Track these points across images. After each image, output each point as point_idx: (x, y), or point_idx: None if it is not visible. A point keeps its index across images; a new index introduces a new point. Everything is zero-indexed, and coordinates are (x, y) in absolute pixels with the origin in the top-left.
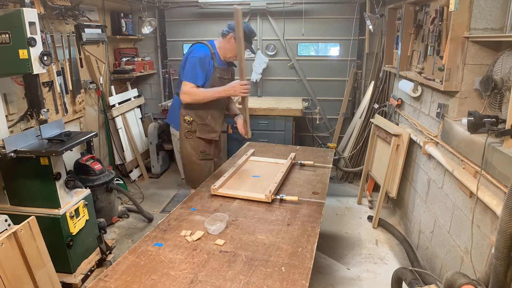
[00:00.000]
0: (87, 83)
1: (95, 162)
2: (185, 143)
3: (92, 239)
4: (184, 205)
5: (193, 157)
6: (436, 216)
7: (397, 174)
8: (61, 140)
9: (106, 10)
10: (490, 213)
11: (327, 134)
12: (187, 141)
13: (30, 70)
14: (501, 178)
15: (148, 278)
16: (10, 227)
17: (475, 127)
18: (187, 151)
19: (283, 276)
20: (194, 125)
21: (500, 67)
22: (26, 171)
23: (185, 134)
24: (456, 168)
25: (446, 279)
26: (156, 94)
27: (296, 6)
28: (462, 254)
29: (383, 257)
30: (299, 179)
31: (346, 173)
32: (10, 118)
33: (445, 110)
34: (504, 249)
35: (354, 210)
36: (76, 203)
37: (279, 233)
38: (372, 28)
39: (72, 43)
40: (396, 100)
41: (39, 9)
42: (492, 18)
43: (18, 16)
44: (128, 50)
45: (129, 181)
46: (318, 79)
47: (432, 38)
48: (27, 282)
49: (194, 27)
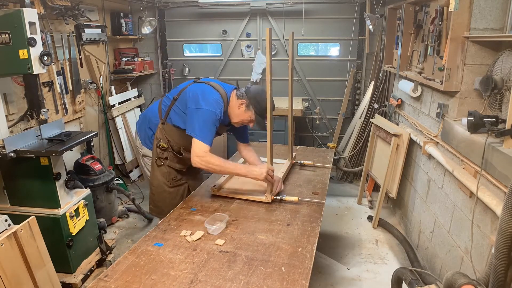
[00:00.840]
0: (87, 83)
1: (95, 162)
2: (156, 172)
3: (92, 239)
4: (184, 205)
5: (165, 186)
6: (436, 216)
7: (397, 174)
8: (61, 140)
9: (106, 10)
10: (490, 213)
11: (327, 134)
12: (158, 169)
13: (30, 70)
14: (501, 178)
15: (148, 278)
16: (10, 227)
17: (475, 127)
18: (158, 180)
19: (283, 276)
20: (168, 152)
21: (500, 67)
22: (26, 171)
23: (156, 161)
24: (456, 168)
25: (446, 279)
26: (156, 94)
27: (296, 6)
28: (462, 254)
29: (383, 257)
30: (299, 179)
31: (346, 173)
32: (10, 118)
33: (445, 110)
34: (504, 249)
35: (354, 210)
36: (76, 203)
37: (279, 233)
38: (372, 28)
39: (72, 43)
40: (396, 100)
41: (39, 9)
42: (492, 18)
43: (18, 16)
44: (128, 50)
45: (129, 181)
46: (318, 79)
47: (432, 38)
48: (27, 282)
49: (194, 27)
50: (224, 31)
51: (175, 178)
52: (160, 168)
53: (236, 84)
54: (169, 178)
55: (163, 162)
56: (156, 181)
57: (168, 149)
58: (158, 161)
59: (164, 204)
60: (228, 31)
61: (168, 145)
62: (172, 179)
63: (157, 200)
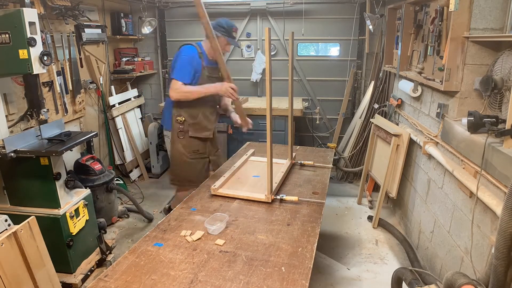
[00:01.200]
0: (87, 83)
1: (95, 162)
2: (176, 143)
3: (92, 239)
4: (184, 205)
5: (184, 157)
6: (436, 216)
7: (397, 174)
8: (61, 140)
9: (106, 10)
10: (490, 213)
11: (327, 134)
12: (179, 141)
13: (30, 70)
14: (501, 178)
15: (148, 278)
16: (10, 227)
17: (475, 127)
18: (178, 151)
19: (283, 276)
20: (186, 124)
21: (500, 67)
22: (26, 171)
23: (178, 134)
24: (456, 168)
25: (446, 279)
26: (156, 94)
27: (296, 6)
28: (462, 254)
29: (383, 257)
30: (299, 179)
31: (346, 173)
32: (10, 118)
33: (445, 110)
34: (504, 249)
35: (354, 210)
36: (76, 203)
37: (279, 233)
38: (372, 28)
39: (72, 43)
40: (396, 100)
41: (39, 9)
42: (492, 18)
43: (18, 16)
44: (128, 50)
45: (129, 181)
46: (318, 79)
47: (432, 38)
48: (27, 282)
49: (194, 27)
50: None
51: (196, 151)
52: (181, 140)
53: None
54: (189, 150)
55: (184, 135)
56: (176, 152)
57: (185, 121)
58: (179, 134)
59: (183, 173)
60: None
61: (183, 117)
62: (193, 151)
63: (177, 169)
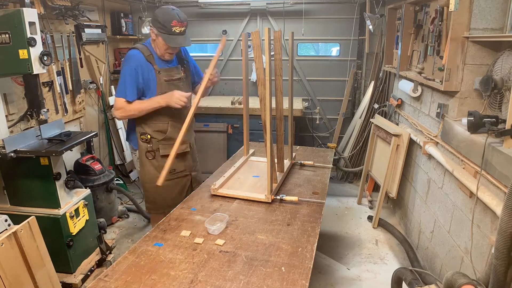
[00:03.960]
0: (87, 83)
1: (95, 162)
2: (147, 166)
3: (92, 239)
4: (184, 205)
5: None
6: (436, 216)
7: (397, 174)
8: (61, 140)
9: (106, 10)
10: (490, 213)
11: (327, 134)
12: (149, 162)
13: (30, 70)
14: (501, 178)
15: (148, 278)
16: (10, 227)
17: (475, 127)
18: (149, 174)
19: (283, 276)
20: (155, 142)
21: (500, 67)
22: (26, 171)
23: (146, 155)
24: (456, 168)
25: (446, 279)
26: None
27: (296, 6)
28: (462, 254)
29: (383, 257)
30: (299, 179)
31: (346, 173)
32: (10, 118)
33: (445, 110)
34: (504, 249)
35: (354, 210)
36: (76, 203)
37: (279, 233)
38: (372, 28)
39: (72, 43)
40: (396, 100)
41: (39, 9)
42: (492, 18)
43: (18, 16)
44: None
45: (129, 181)
46: (318, 79)
47: (432, 38)
48: (27, 282)
49: (194, 27)
50: (224, 31)
51: (172, 171)
52: (151, 161)
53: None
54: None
55: (154, 154)
56: (148, 176)
57: (152, 139)
58: (148, 154)
59: (160, 198)
60: (228, 31)
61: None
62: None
63: (152, 194)
